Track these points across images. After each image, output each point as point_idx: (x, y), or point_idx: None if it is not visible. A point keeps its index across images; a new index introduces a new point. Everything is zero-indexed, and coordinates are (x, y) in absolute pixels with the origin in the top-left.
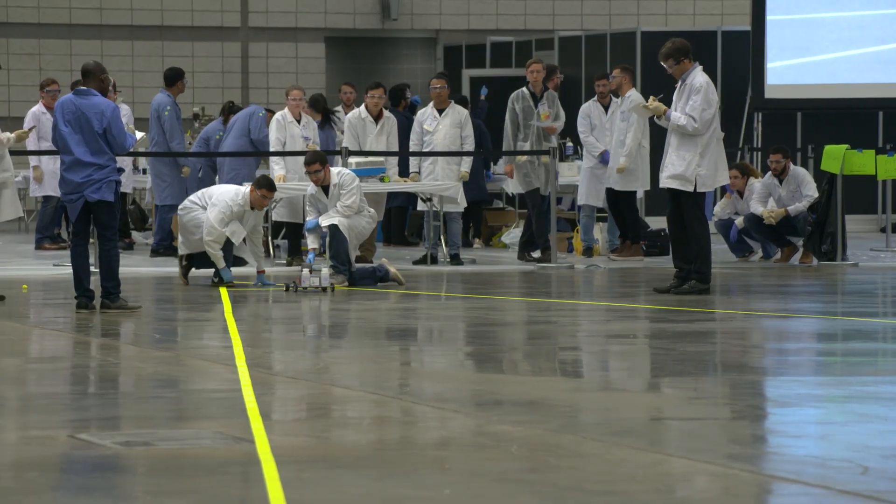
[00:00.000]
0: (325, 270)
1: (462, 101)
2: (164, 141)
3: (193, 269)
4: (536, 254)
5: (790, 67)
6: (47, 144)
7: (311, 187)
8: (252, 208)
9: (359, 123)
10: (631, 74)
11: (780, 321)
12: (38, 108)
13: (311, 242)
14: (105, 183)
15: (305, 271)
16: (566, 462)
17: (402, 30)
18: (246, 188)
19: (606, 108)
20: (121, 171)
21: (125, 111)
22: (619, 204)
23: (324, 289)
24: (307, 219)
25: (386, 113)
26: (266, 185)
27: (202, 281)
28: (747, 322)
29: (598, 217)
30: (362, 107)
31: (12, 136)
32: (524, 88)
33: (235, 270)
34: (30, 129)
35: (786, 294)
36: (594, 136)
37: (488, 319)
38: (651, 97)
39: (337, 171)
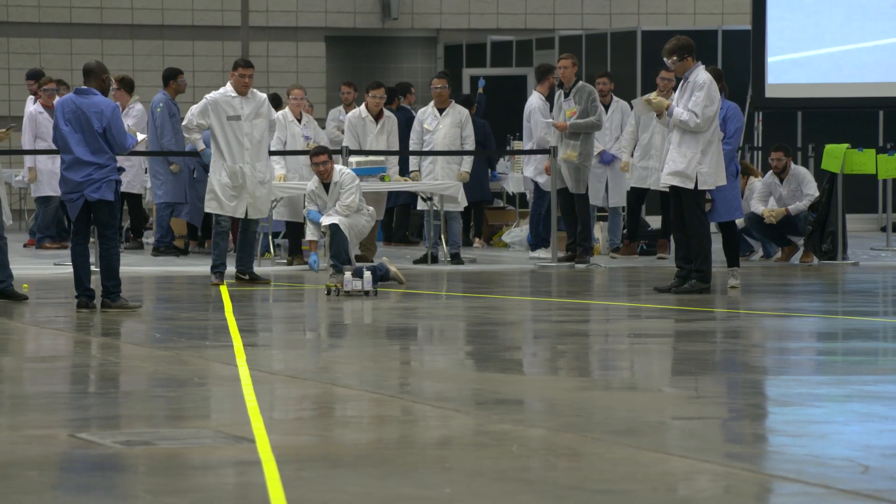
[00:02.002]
0: (368, 274)
1: (466, 102)
2: (156, 139)
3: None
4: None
5: (790, 66)
6: (45, 144)
7: (311, 183)
8: (240, 93)
9: (359, 123)
10: None
11: (780, 320)
12: (35, 107)
13: (310, 234)
14: (105, 182)
15: (348, 274)
16: (566, 461)
17: (402, 29)
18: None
19: (607, 108)
20: (121, 170)
21: (138, 110)
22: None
23: (366, 292)
24: (308, 208)
25: (386, 112)
26: (241, 65)
27: (202, 280)
28: (748, 321)
29: (598, 216)
30: (362, 106)
31: None
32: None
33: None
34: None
35: (786, 293)
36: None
37: (488, 319)
38: (654, 92)
39: (339, 170)
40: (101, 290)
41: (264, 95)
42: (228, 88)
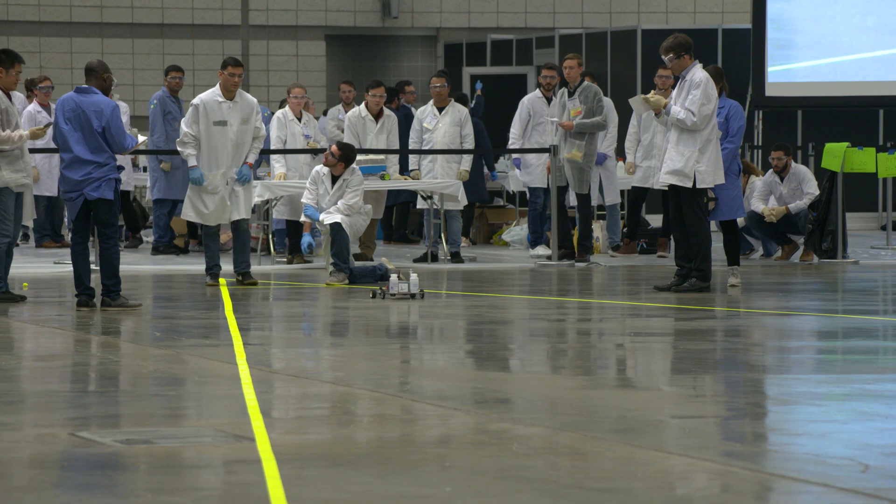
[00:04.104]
0: (415, 276)
1: (461, 100)
2: (150, 135)
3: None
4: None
5: (791, 65)
6: (41, 143)
7: (321, 167)
8: (230, 98)
9: (359, 122)
10: None
11: (780, 319)
12: (32, 106)
13: (304, 218)
14: (104, 181)
15: (394, 277)
16: (566, 460)
17: (402, 28)
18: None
19: None
20: (120, 168)
21: (123, 109)
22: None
23: (412, 295)
24: (305, 200)
25: (386, 111)
26: (230, 63)
27: (202, 279)
28: (748, 320)
29: (597, 215)
30: (362, 105)
31: (26, 133)
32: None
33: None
34: (47, 126)
35: (786, 292)
36: None
37: (489, 317)
38: (651, 91)
39: (350, 169)
40: (101, 288)
41: (255, 101)
42: (216, 90)
